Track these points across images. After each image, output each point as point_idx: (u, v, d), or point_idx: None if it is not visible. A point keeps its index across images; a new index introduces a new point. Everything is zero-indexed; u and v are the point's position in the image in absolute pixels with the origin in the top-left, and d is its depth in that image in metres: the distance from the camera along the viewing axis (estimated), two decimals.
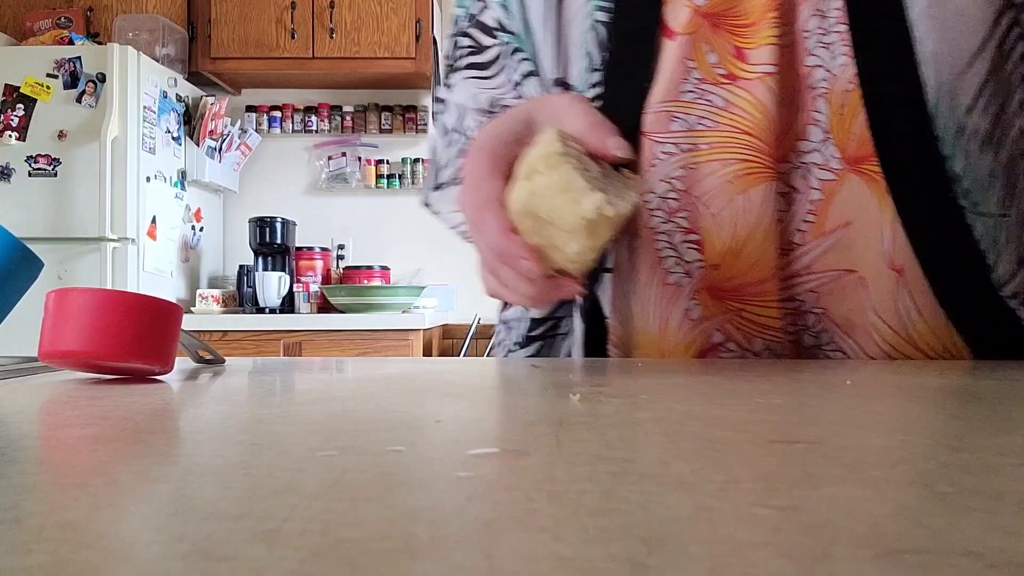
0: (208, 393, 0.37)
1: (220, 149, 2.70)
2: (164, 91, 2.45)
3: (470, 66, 0.64)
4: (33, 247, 0.46)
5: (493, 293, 0.51)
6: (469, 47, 0.64)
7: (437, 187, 0.67)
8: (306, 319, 2.42)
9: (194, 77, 2.68)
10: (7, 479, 0.19)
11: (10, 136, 2.25)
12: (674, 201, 0.53)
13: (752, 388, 0.35)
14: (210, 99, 2.64)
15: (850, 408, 0.30)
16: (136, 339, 0.41)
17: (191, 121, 2.63)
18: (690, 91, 0.53)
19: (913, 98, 0.50)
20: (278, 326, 2.36)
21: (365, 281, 2.60)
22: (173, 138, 2.52)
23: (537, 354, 0.61)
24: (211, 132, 2.62)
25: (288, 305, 2.57)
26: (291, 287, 2.59)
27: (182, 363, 0.49)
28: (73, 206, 2.25)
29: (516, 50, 0.61)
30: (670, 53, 0.53)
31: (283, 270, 2.61)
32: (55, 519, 0.15)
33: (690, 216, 0.53)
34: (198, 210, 2.70)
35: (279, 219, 2.62)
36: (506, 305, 0.66)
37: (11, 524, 0.15)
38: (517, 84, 0.61)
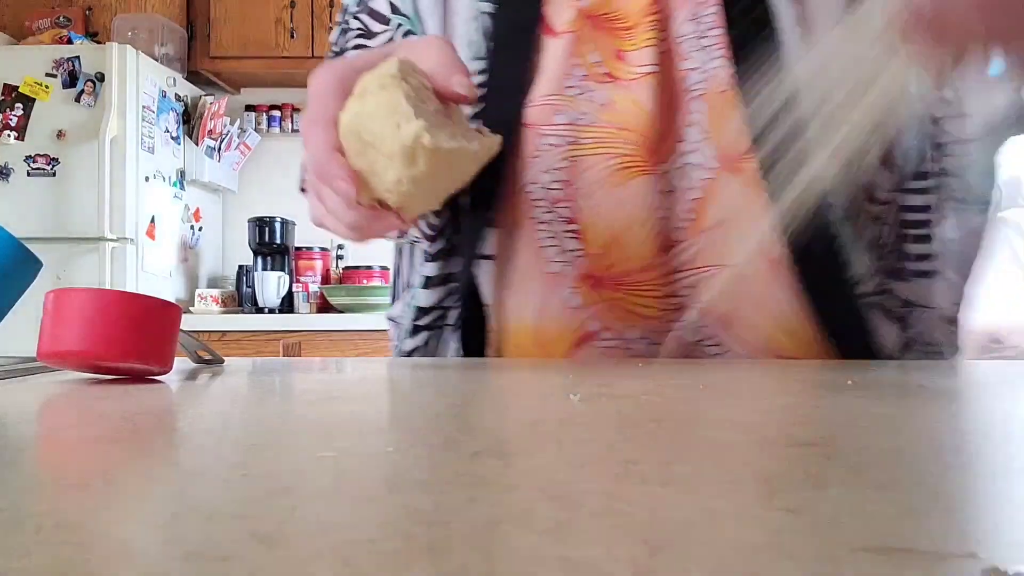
0: (207, 394, 0.37)
1: (219, 149, 2.70)
2: (163, 90, 2.45)
3: (358, 48, 0.63)
4: (32, 247, 0.46)
5: (316, 220, 0.50)
6: (359, 31, 0.64)
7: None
8: (305, 319, 2.42)
9: (193, 76, 2.68)
10: (6, 480, 0.19)
11: (9, 136, 2.25)
12: (557, 191, 0.55)
13: (755, 389, 0.35)
14: (209, 98, 2.64)
15: (854, 409, 0.30)
16: (135, 339, 0.41)
17: (190, 120, 2.62)
18: (573, 87, 0.55)
19: (784, 99, 0.51)
20: (277, 326, 2.36)
21: (365, 281, 2.60)
22: (172, 138, 2.52)
23: (425, 345, 0.61)
24: (210, 132, 2.62)
25: (287, 305, 2.57)
26: (290, 287, 2.59)
27: (181, 363, 0.49)
28: (72, 206, 2.25)
29: (408, 32, 0.61)
30: (554, 50, 0.55)
31: (282, 270, 2.61)
32: (54, 520, 0.15)
33: (572, 207, 0.54)
34: (197, 210, 2.70)
35: (278, 219, 2.62)
36: (393, 302, 0.67)
37: (10, 525, 0.15)
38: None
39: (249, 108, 2.89)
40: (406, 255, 0.66)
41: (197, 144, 2.60)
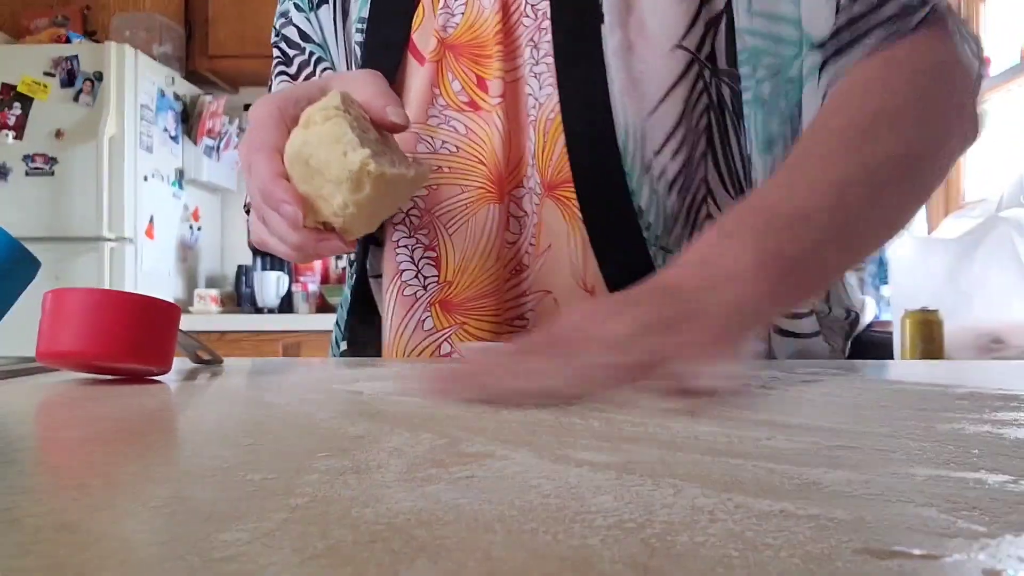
0: (206, 394, 0.37)
1: (218, 148, 2.70)
2: (162, 90, 2.45)
3: (280, 74, 0.69)
4: (30, 247, 0.46)
5: (259, 242, 0.50)
6: (279, 58, 0.69)
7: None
8: (305, 319, 2.41)
9: (192, 75, 2.67)
10: (5, 480, 0.19)
11: (7, 135, 2.25)
12: (416, 219, 0.57)
13: (754, 392, 0.35)
14: (208, 98, 2.64)
15: (855, 411, 0.30)
16: (134, 339, 0.41)
17: (189, 120, 2.62)
18: (435, 116, 0.57)
19: (606, 131, 0.52)
20: (276, 326, 2.36)
21: None
22: (171, 137, 2.51)
23: (354, 338, 0.63)
24: (209, 131, 2.62)
25: (287, 305, 2.57)
26: (289, 287, 2.59)
27: (180, 363, 0.49)
28: (70, 205, 2.25)
29: (319, 59, 0.65)
30: (419, 78, 0.57)
31: (282, 270, 2.61)
32: (53, 520, 0.15)
33: (429, 234, 0.57)
34: (196, 209, 2.69)
35: None
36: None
37: (9, 525, 0.15)
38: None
39: (248, 107, 2.87)
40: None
41: (196, 143, 2.60)
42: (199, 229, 2.72)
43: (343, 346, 0.64)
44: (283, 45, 0.68)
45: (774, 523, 0.15)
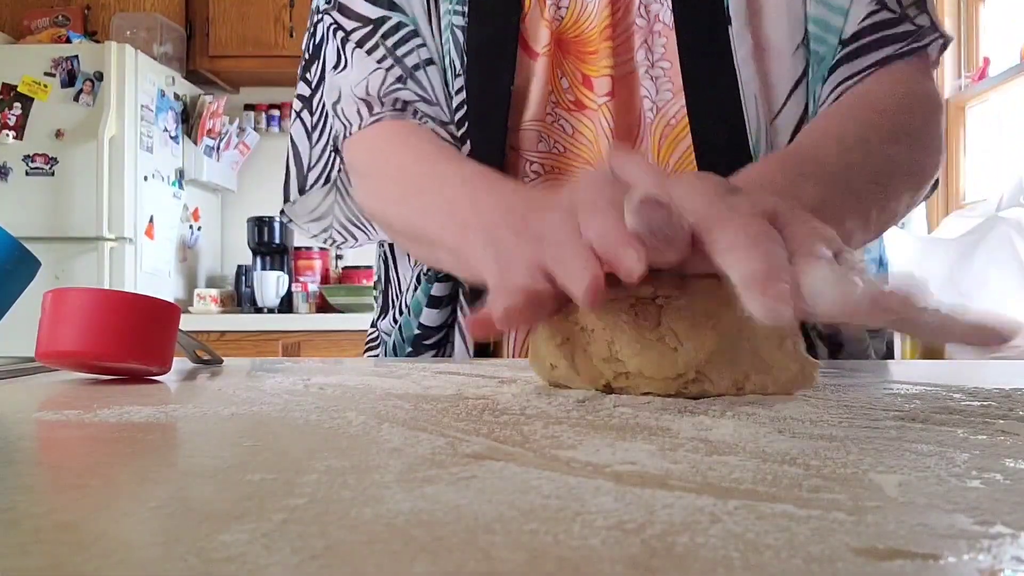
0: (206, 394, 0.37)
1: (218, 148, 2.70)
2: (162, 90, 2.45)
3: (351, 42, 0.57)
4: (30, 247, 0.46)
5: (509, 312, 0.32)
6: (358, 21, 0.57)
7: (300, 191, 0.65)
8: (305, 319, 2.41)
9: (192, 75, 2.67)
10: (5, 480, 0.19)
11: (7, 135, 2.25)
12: None
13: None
14: (208, 98, 2.64)
15: (855, 411, 0.30)
16: (133, 339, 0.41)
17: (189, 120, 2.62)
18: (550, 114, 0.55)
19: (737, 135, 0.52)
20: (276, 326, 2.36)
21: (364, 281, 2.60)
22: (171, 137, 2.51)
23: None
24: (209, 131, 2.62)
25: (286, 305, 2.57)
26: (289, 287, 2.59)
27: (180, 363, 0.49)
28: (70, 205, 2.25)
29: (413, 33, 0.57)
30: (536, 73, 0.55)
31: (281, 270, 2.61)
32: (53, 520, 0.15)
33: None
34: (196, 209, 2.69)
35: (277, 218, 2.61)
36: (383, 313, 0.66)
37: (8, 525, 0.15)
38: (413, 70, 0.57)
39: (248, 107, 2.89)
40: (391, 265, 0.66)
41: (196, 143, 2.60)
42: (199, 229, 2.72)
43: (407, 348, 0.60)
44: (339, 16, 0.58)
45: (775, 524, 0.15)
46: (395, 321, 0.64)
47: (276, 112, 2.89)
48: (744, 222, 0.29)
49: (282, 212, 0.67)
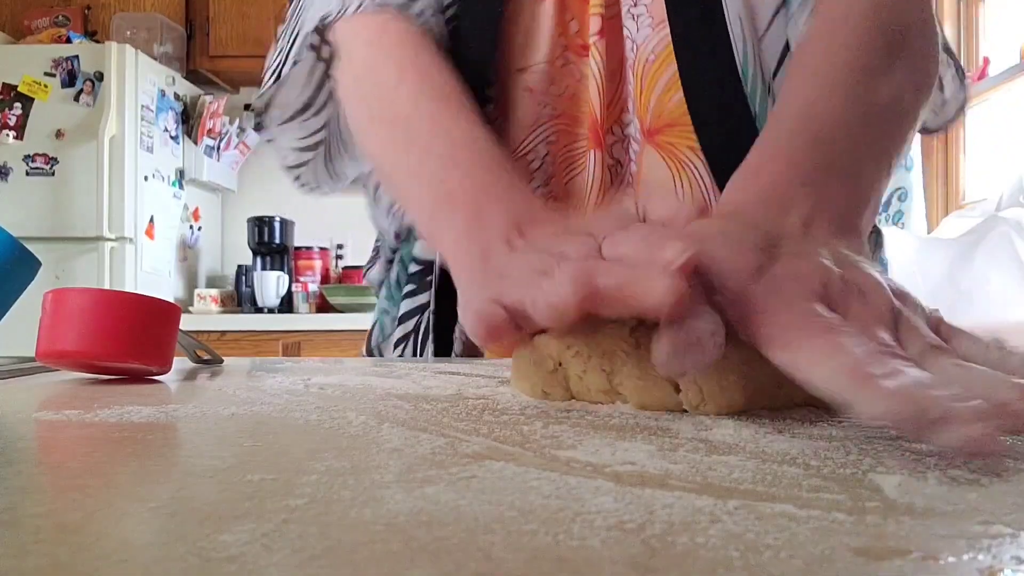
0: (206, 394, 0.37)
1: (218, 148, 2.70)
2: (162, 90, 2.45)
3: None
4: (30, 247, 0.46)
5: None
6: None
7: (268, 105, 0.59)
8: (305, 319, 2.41)
9: (192, 75, 2.67)
10: (4, 480, 0.19)
11: (7, 135, 2.25)
12: (546, 166, 0.54)
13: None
14: (208, 97, 2.64)
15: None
16: (134, 339, 0.41)
17: (189, 120, 2.62)
18: (559, 57, 0.54)
19: (724, 57, 0.50)
20: (276, 326, 2.36)
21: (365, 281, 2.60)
22: (171, 137, 2.51)
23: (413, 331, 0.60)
24: (209, 131, 2.62)
25: (287, 305, 2.57)
26: (289, 287, 2.59)
27: (180, 363, 0.49)
28: (71, 205, 2.25)
29: None
30: (543, 13, 0.54)
31: (282, 270, 2.61)
32: (53, 521, 0.15)
33: (552, 183, 0.55)
34: (196, 209, 2.69)
35: (277, 218, 2.61)
36: (373, 263, 0.64)
37: (9, 526, 0.15)
38: None
39: (248, 107, 2.89)
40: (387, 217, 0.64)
41: (196, 143, 2.60)
42: (199, 229, 2.72)
43: (430, 347, 0.59)
44: None
45: (775, 524, 0.15)
46: (389, 264, 0.63)
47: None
48: (805, 322, 0.25)
49: (258, 126, 0.61)
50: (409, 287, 0.61)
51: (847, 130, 0.40)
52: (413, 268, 0.61)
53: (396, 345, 0.62)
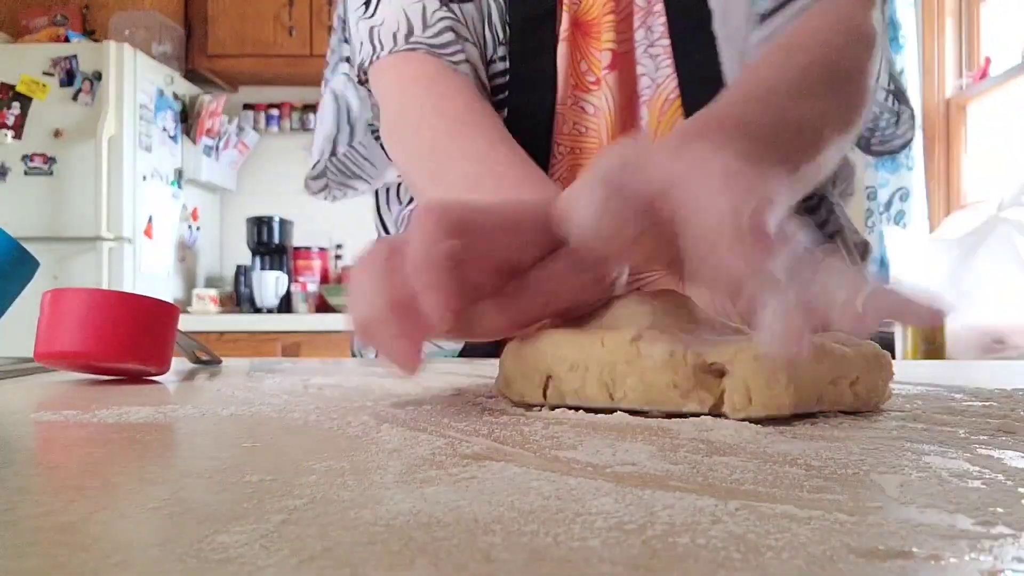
0: (204, 394, 0.37)
1: (217, 148, 2.70)
2: (161, 89, 2.45)
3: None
4: (28, 247, 0.46)
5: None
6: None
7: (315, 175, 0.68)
8: (304, 319, 2.41)
9: (191, 75, 2.67)
10: (3, 481, 0.19)
11: (6, 135, 2.24)
12: None
13: None
14: (207, 97, 2.63)
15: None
16: (132, 340, 0.40)
17: (188, 119, 2.62)
18: (570, 96, 0.56)
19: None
20: (275, 326, 2.36)
21: None
22: (170, 136, 2.51)
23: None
24: (208, 130, 2.62)
25: (285, 305, 2.57)
26: (288, 287, 2.59)
27: (178, 364, 0.49)
28: (69, 205, 2.25)
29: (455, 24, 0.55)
30: (560, 57, 0.56)
31: (281, 270, 2.61)
32: (51, 521, 0.15)
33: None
34: (195, 209, 2.69)
35: (276, 218, 2.61)
36: None
37: (7, 526, 0.15)
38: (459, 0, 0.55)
39: (247, 107, 2.89)
40: (385, 208, 0.67)
41: (195, 143, 2.60)
42: (198, 229, 2.72)
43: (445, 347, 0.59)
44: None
45: (776, 525, 0.15)
46: None
47: (275, 111, 2.89)
48: (712, 184, 0.26)
49: (313, 179, 0.69)
50: None
51: (758, 128, 0.42)
52: None
53: None
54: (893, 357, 0.43)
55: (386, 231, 0.67)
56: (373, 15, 0.56)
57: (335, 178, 0.69)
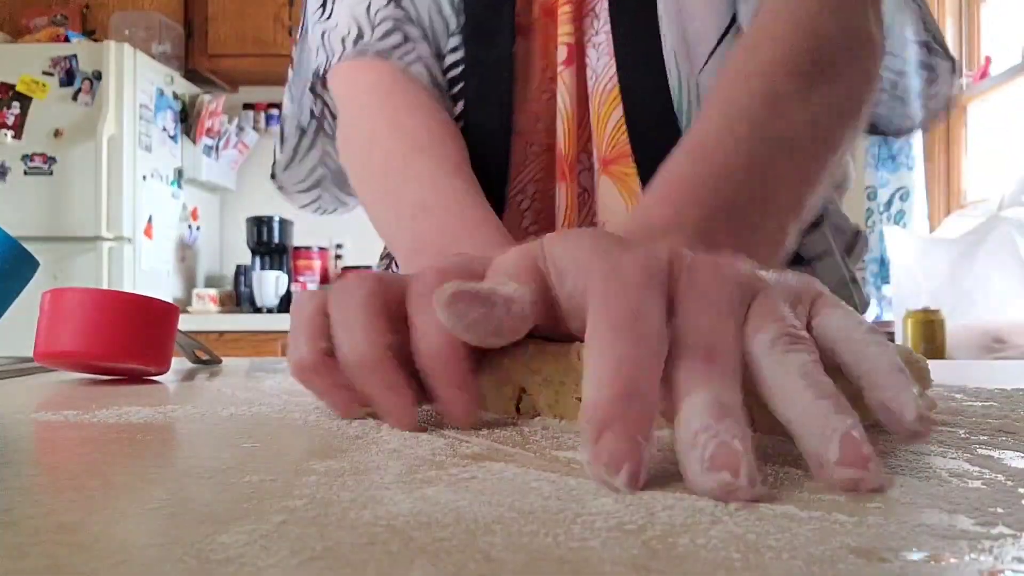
0: (204, 394, 0.37)
1: (217, 147, 2.70)
2: (161, 89, 2.45)
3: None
4: (28, 246, 0.46)
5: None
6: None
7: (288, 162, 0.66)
8: None
9: (191, 75, 2.67)
10: (3, 481, 0.19)
11: (6, 134, 2.25)
12: (539, 205, 0.54)
13: None
14: (207, 97, 2.63)
15: None
16: (132, 339, 0.40)
17: (188, 119, 2.62)
18: (545, 91, 0.54)
19: (661, 93, 0.50)
20: (275, 326, 2.36)
21: None
22: (170, 136, 2.51)
23: None
24: (208, 130, 2.62)
25: (286, 305, 2.56)
26: (288, 287, 2.59)
27: (178, 363, 0.49)
28: (69, 205, 2.25)
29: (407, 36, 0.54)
30: (527, 47, 0.53)
31: (280, 269, 2.61)
32: (51, 521, 0.15)
33: (541, 218, 0.54)
34: (195, 209, 2.69)
35: (276, 218, 2.61)
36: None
37: (7, 526, 0.15)
38: None
39: (247, 106, 2.89)
40: None
41: (195, 143, 2.60)
42: (198, 229, 2.72)
43: None
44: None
45: (776, 525, 0.15)
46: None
47: (275, 111, 2.88)
48: (620, 298, 0.21)
49: (273, 176, 0.68)
50: None
51: (749, 161, 0.38)
52: None
53: None
54: None
55: None
56: (329, 18, 0.55)
57: (330, 191, 0.68)
